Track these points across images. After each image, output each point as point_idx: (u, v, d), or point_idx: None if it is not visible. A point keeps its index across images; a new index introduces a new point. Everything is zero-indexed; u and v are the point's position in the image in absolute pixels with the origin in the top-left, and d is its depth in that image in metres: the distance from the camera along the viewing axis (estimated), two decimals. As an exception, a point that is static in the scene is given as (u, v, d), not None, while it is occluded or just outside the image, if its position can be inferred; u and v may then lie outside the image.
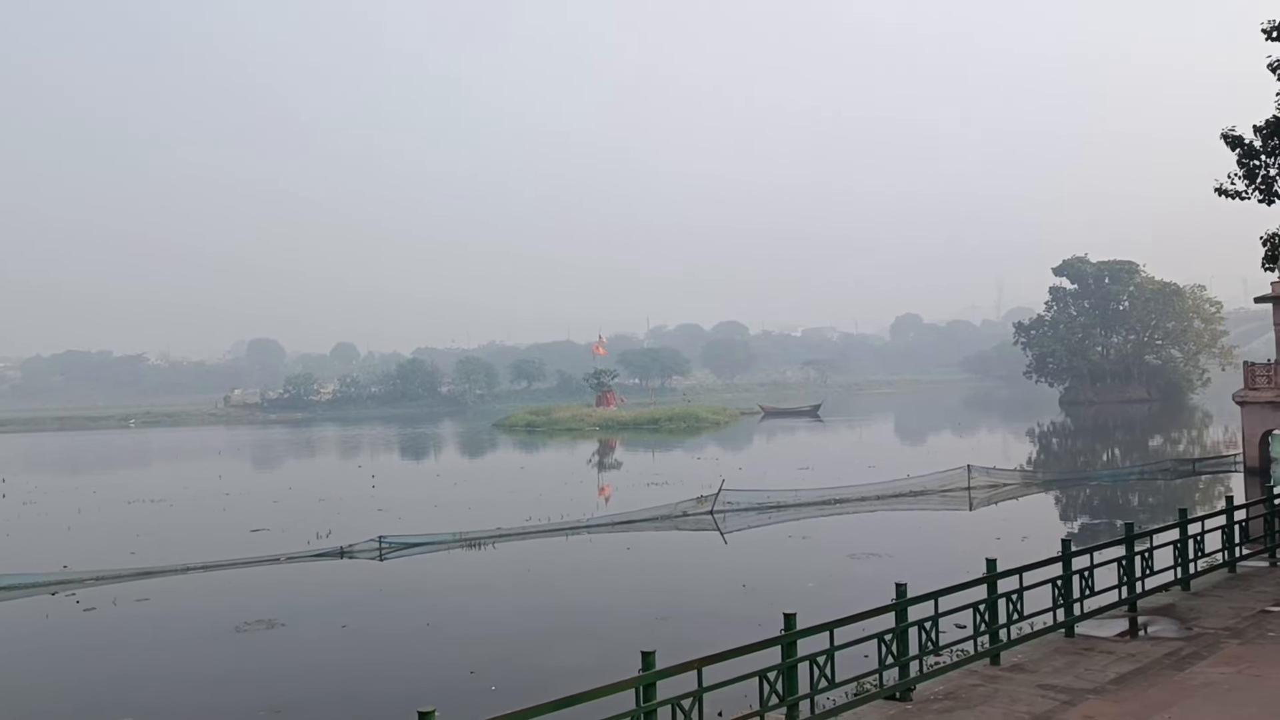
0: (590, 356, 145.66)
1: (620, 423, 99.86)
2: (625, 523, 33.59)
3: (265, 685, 17.29)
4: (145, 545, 31.81)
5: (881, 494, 37.90)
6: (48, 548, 32.07)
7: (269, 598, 24.22)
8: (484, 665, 17.70)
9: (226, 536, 33.42)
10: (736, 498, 35.94)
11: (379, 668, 18.32)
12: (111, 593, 25.22)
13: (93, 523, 39.34)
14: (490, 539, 31.34)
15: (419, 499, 43.15)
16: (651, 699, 9.09)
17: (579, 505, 38.17)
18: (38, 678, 18.51)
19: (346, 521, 35.18)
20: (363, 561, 29.05)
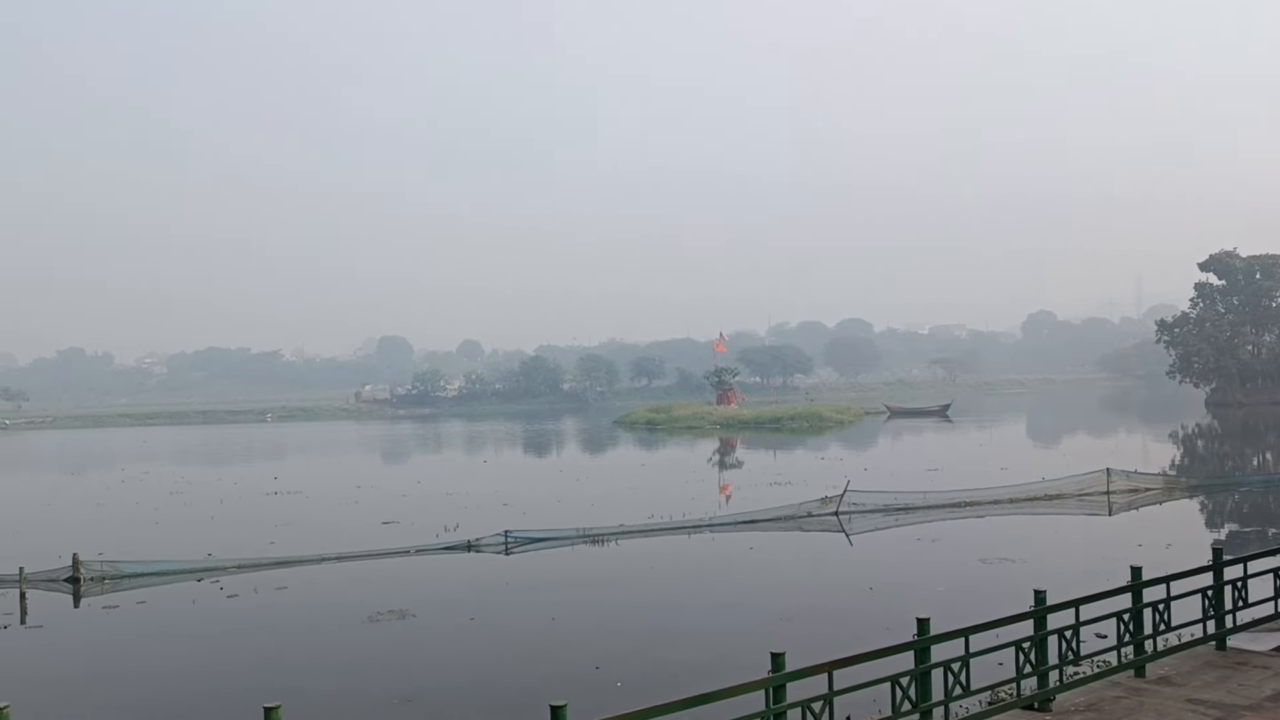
0: (710, 354, 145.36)
1: (741, 421, 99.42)
2: (748, 522, 33.38)
3: (397, 674, 17.71)
4: (283, 535, 33.03)
5: (1015, 497, 36.75)
6: (193, 536, 33.58)
7: (400, 589, 24.84)
8: (609, 661, 17.78)
9: (359, 528, 34.43)
10: (862, 499, 35.34)
11: (506, 660, 18.59)
12: (252, 580, 26.24)
13: (234, 513, 41.04)
14: (613, 535, 31.52)
15: (542, 495, 43.73)
16: (781, 701, 8.97)
17: (700, 503, 38.09)
18: (186, 660, 19.34)
19: (473, 516, 35.88)
20: (489, 555, 29.56)
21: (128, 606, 23.97)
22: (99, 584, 26.24)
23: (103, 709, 15.78)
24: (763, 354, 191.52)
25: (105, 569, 27.01)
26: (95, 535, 32.74)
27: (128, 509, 43.90)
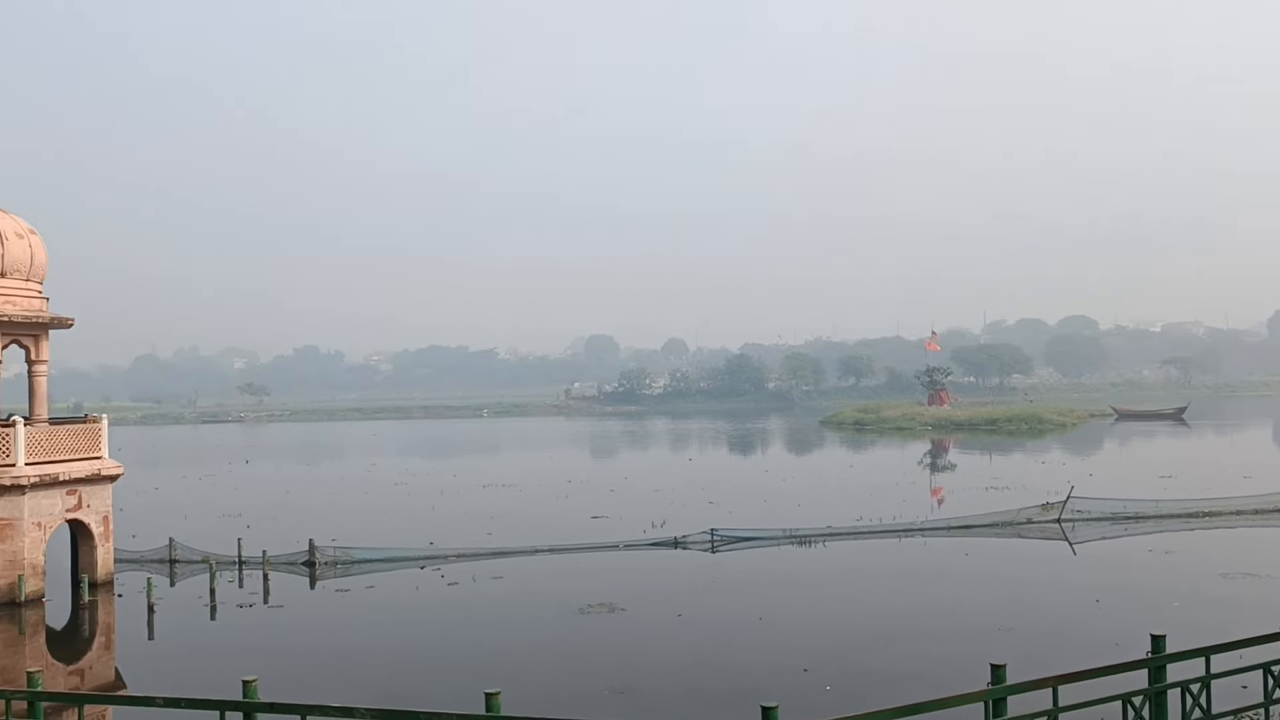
0: (921, 353, 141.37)
1: (954, 422, 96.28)
2: (962, 527, 32.24)
3: (608, 665, 18.08)
4: (498, 526, 34.32)
5: (1260, 508, 33.97)
6: (416, 525, 35.39)
7: (609, 582, 25.34)
8: (817, 663, 17.54)
9: (569, 522, 35.38)
10: (1087, 506, 33.52)
11: (714, 657, 18.65)
12: (471, 569, 27.39)
13: (453, 504, 43.00)
14: (820, 537, 31.12)
15: (748, 494, 43.67)
16: (1002, 715, 8.58)
17: (911, 507, 37.10)
18: (412, 643, 20.40)
19: (679, 513, 36.22)
20: (695, 552, 29.76)
21: (358, 590, 25.48)
22: (332, 568, 28.02)
23: (338, 685, 16.81)
24: (977, 353, 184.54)
25: (337, 554, 28.84)
26: (328, 522, 34.97)
27: (357, 498, 46.75)
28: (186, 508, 42.04)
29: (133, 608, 23.62)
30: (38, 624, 22.65)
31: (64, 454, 24.98)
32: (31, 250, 25.45)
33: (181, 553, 29.11)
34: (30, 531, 23.81)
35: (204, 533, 31.86)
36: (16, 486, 23.55)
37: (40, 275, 25.94)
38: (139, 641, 21.59)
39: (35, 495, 23.95)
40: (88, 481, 25.35)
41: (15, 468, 23.69)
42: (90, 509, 25.45)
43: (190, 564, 28.42)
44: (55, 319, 25.97)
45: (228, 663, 18.71)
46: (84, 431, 25.97)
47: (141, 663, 20.02)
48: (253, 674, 9.13)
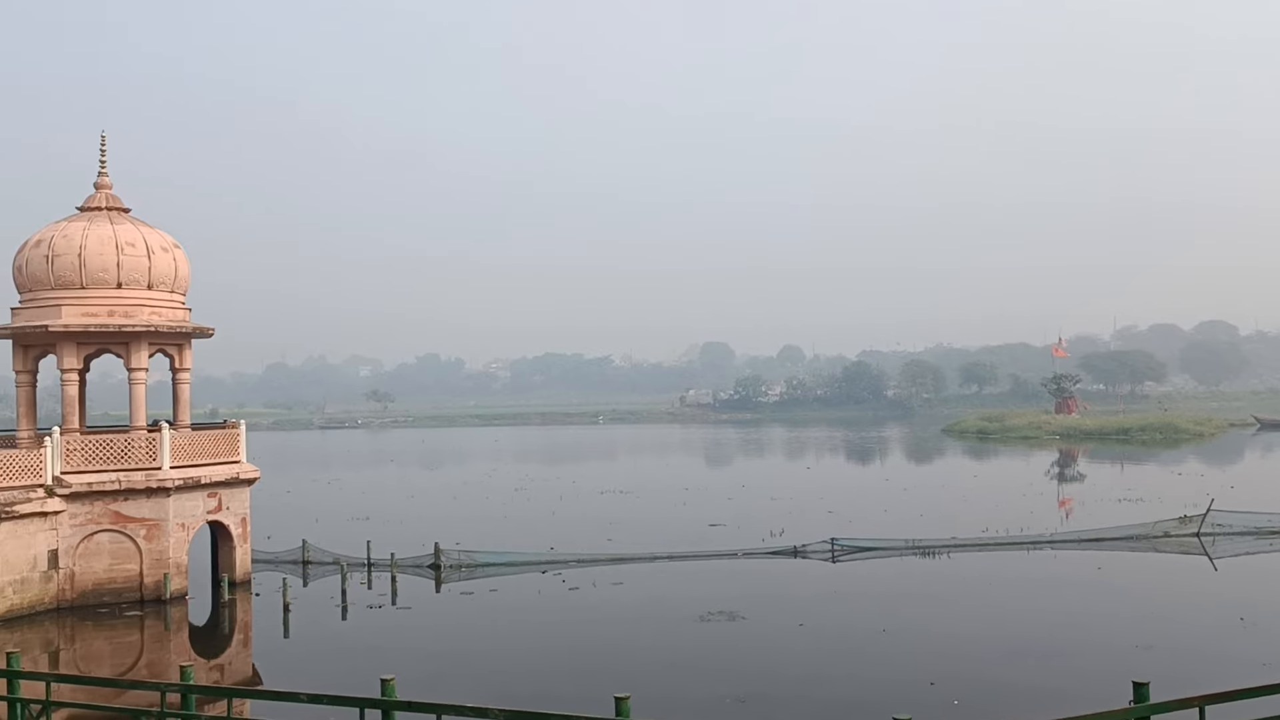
0: (1048, 360, 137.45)
1: (1083, 432, 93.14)
2: (1094, 540, 31.13)
3: (730, 673, 18.02)
4: (617, 532, 34.55)
5: None
6: (536, 530, 35.88)
7: (728, 590, 25.25)
8: (944, 677, 17.17)
9: (686, 529, 35.39)
10: (1229, 519, 32.02)
11: (837, 669, 18.44)
12: (591, 574, 27.64)
13: (571, 509, 43.48)
14: (945, 548, 30.46)
15: (868, 503, 43.03)
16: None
17: (1039, 518, 36.03)
18: (537, 646, 20.71)
19: (797, 521, 35.90)
20: (815, 562, 29.45)
21: (481, 593, 25.98)
22: (456, 571, 28.63)
23: (466, 685, 17.15)
24: (1107, 360, 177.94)
25: (461, 558, 29.46)
26: (451, 526, 35.74)
27: (479, 503, 47.68)
28: (317, 510, 43.49)
29: (269, 606, 24.55)
30: (181, 620, 23.74)
31: (206, 458, 26.13)
32: (176, 264, 26.72)
33: (314, 554, 30.13)
34: (175, 532, 24.97)
35: (334, 535, 32.90)
36: (162, 489, 24.74)
37: (184, 287, 27.22)
38: (275, 639, 22.43)
39: (179, 497, 25.12)
40: (227, 485, 26.46)
41: (161, 471, 24.89)
42: (230, 511, 26.56)
43: (322, 565, 29.39)
44: (197, 329, 27.21)
45: (359, 661, 19.31)
46: (224, 437, 27.13)
47: (277, 659, 20.81)
48: (384, 673, 9.41)
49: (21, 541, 23.23)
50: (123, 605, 24.05)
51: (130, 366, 26.13)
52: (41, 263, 25.47)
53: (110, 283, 25.53)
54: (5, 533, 22.87)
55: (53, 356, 26.22)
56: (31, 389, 27.21)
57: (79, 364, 25.98)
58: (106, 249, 25.49)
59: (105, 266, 25.42)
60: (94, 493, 24.31)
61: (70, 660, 20.81)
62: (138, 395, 26.31)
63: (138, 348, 25.96)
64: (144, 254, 25.91)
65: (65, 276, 25.36)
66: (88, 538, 24.26)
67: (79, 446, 24.71)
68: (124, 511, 24.56)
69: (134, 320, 25.59)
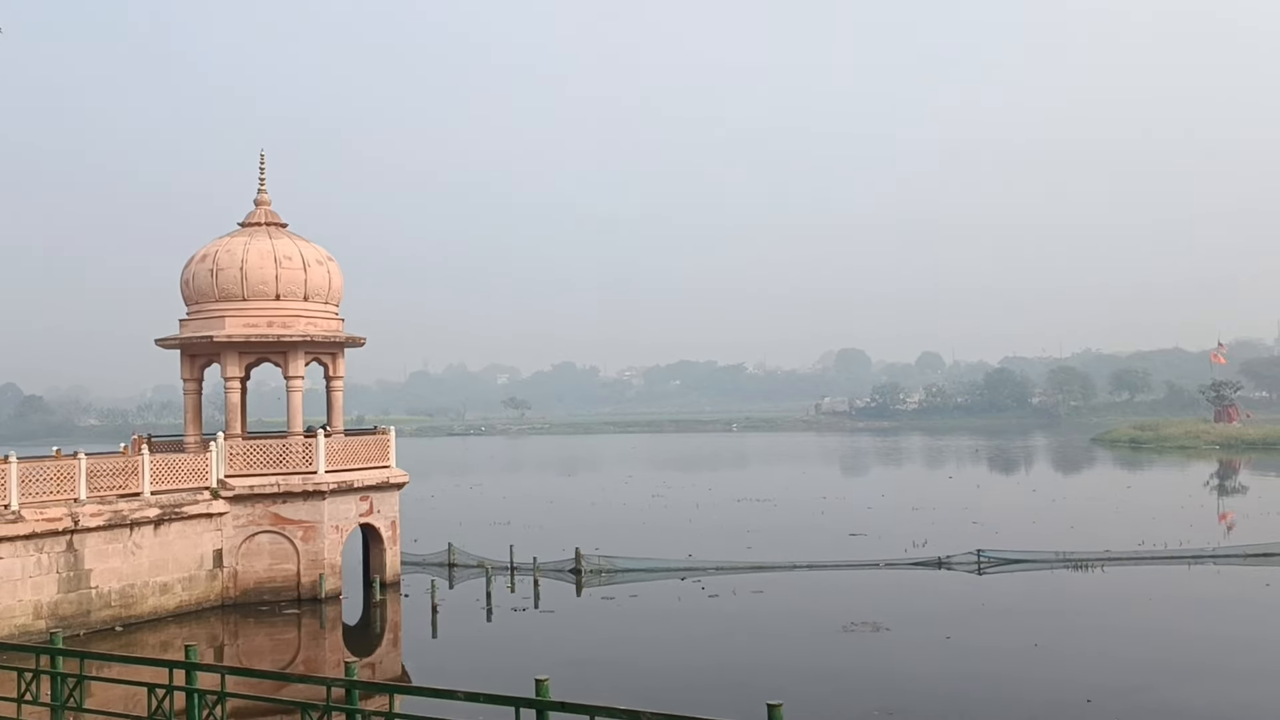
0: (1205, 366, 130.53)
1: (1246, 441, 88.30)
2: (1262, 555, 29.46)
3: (875, 686, 17.71)
4: (755, 540, 34.36)
5: None
6: (674, 536, 35.97)
7: (871, 601, 24.84)
8: (1101, 696, 16.49)
9: (825, 538, 34.96)
10: None
11: (986, 683, 17.92)
12: (730, 582, 27.56)
13: (708, 517, 43.43)
14: (1098, 561, 29.29)
15: (1014, 514, 41.74)
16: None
17: (1199, 531, 34.32)
18: (680, 653, 20.76)
19: (940, 532, 35.04)
20: (960, 573, 28.69)
21: (622, 599, 26.18)
22: (596, 576, 28.93)
23: (611, 688, 17.31)
24: (1271, 365, 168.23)
25: (601, 563, 29.75)
26: (590, 532, 36.12)
27: (616, 509, 48.12)
28: (460, 515, 44.59)
29: (417, 607, 25.29)
30: (335, 619, 24.66)
31: (358, 463, 27.11)
32: (329, 276, 27.84)
33: (459, 557, 30.91)
34: (329, 534, 25.98)
35: (477, 539, 33.67)
36: (318, 492, 25.77)
37: (337, 299, 28.33)
38: (423, 640, 23.09)
39: (334, 500, 26.12)
40: (378, 489, 27.38)
41: (317, 475, 25.94)
42: (380, 514, 27.47)
43: (467, 568, 30.12)
44: (350, 338, 28.28)
45: (506, 662, 19.74)
46: (375, 442, 28.10)
47: (426, 658, 21.42)
48: (534, 674, 9.56)
49: (189, 541, 24.53)
50: (281, 603, 25.13)
51: (288, 375, 27.33)
52: (206, 276, 26.88)
53: (269, 295, 26.75)
54: (175, 532, 24.20)
55: (217, 365, 27.63)
56: (198, 396, 28.71)
57: (241, 372, 27.29)
58: (266, 263, 26.73)
59: (265, 279, 26.66)
60: (255, 495, 25.50)
61: (234, 655, 21.84)
62: (295, 402, 27.48)
63: (295, 356, 27.13)
64: (300, 267, 27.08)
65: (228, 289, 26.69)
66: (249, 538, 25.46)
67: (241, 451, 25.97)
68: (282, 513, 25.69)
69: (291, 330, 26.76)
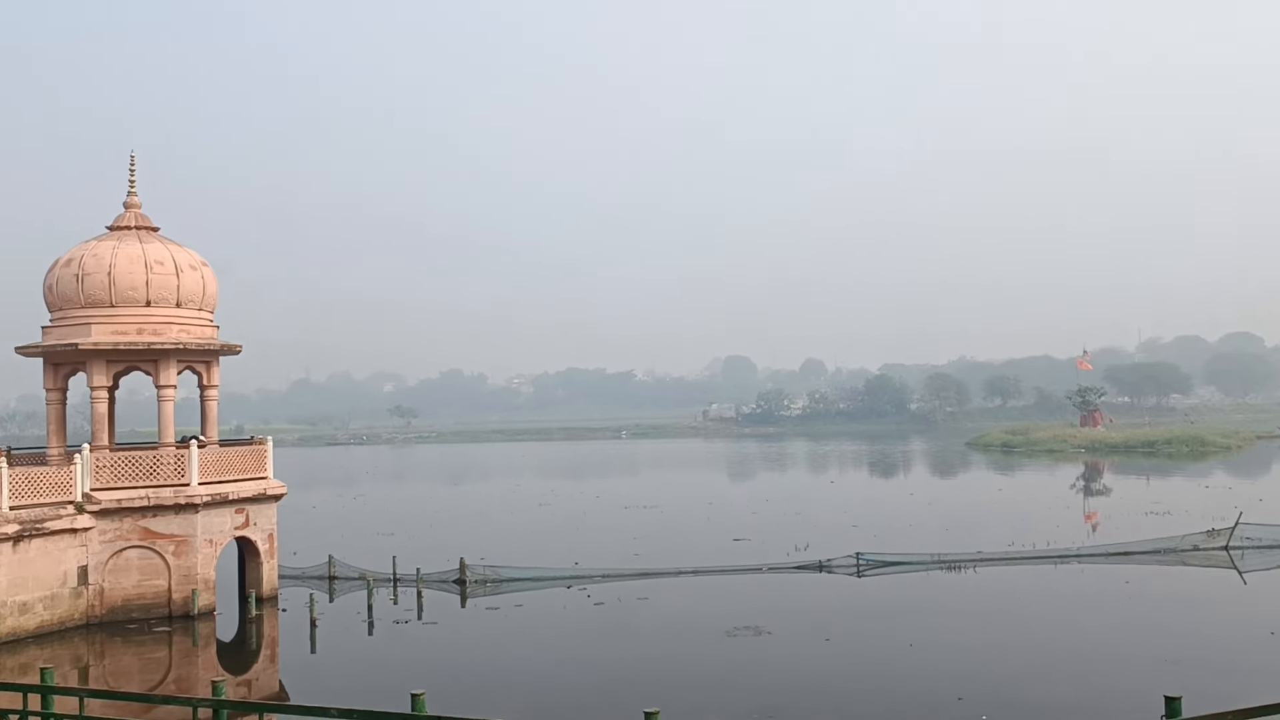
0: (1072, 372, 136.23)
1: (1109, 445, 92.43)
2: (1122, 554, 30.91)
3: (755, 689, 17.97)
4: (641, 547, 34.51)
5: None
6: (560, 545, 35.91)
7: (754, 605, 25.22)
8: (972, 694, 17.06)
9: (711, 544, 35.33)
10: (1258, 533, 31.70)
11: (864, 684, 18.37)
12: (616, 590, 27.63)
13: (596, 524, 43.48)
14: (971, 563, 30.28)
15: (892, 517, 42.85)
16: (1180, 750, 8.22)
17: (1065, 532, 35.78)
18: (564, 662, 20.75)
19: (822, 536, 35.77)
20: (841, 576, 29.34)
21: (507, 609, 26.01)
22: (481, 586, 28.68)
23: (494, 701, 17.19)
24: (1132, 372, 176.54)
25: (487, 573, 29.51)
26: (476, 541, 35.77)
27: (503, 518, 47.78)
28: (342, 526, 43.68)
29: (296, 622, 24.67)
30: (209, 636, 23.88)
31: (233, 474, 26.32)
32: (204, 282, 26.99)
33: (340, 570, 30.26)
34: (203, 548, 25.14)
35: (359, 551, 33.02)
36: (190, 505, 24.93)
37: (211, 305, 27.49)
38: (302, 654, 22.53)
39: (207, 513, 25.30)
40: (254, 500, 26.63)
41: (190, 487, 25.08)
42: (257, 527, 26.73)
43: (348, 581, 29.52)
44: (225, 346, 27.46)
45: (387, 677, 19.39)
46: (251, 453, 27.32)
47: (304, 675, 20.89)
48: (413, 688, 9.46)
49: (52, 558, 23.46)
50: (151, 621, 24.22)
51: (159, 384, 26.38)
52: (71, 282, 25.79)
53: (139, 301, 25.80)
54: (36, 549, 23.11)
55: (83, 374, 26.51)
56: (62, 406, 27.51)
57: (108, 382, 26.23)
58: (135, 267, 25.78)
59: (134, 285, 25.70)
60: (123, 509, 24.52)
61: (100, 676, 20.98)
62: (166, 412, 26.55)
63: (166, 365, 26.21)
64: (173, 272, 26.19)
65: (95, 295, 25.65)
66: (117, 554, 24.47)
67: (108, 463, 24.95)
68: (153, 528, 24.77)
69: (163, 338, 25.87)
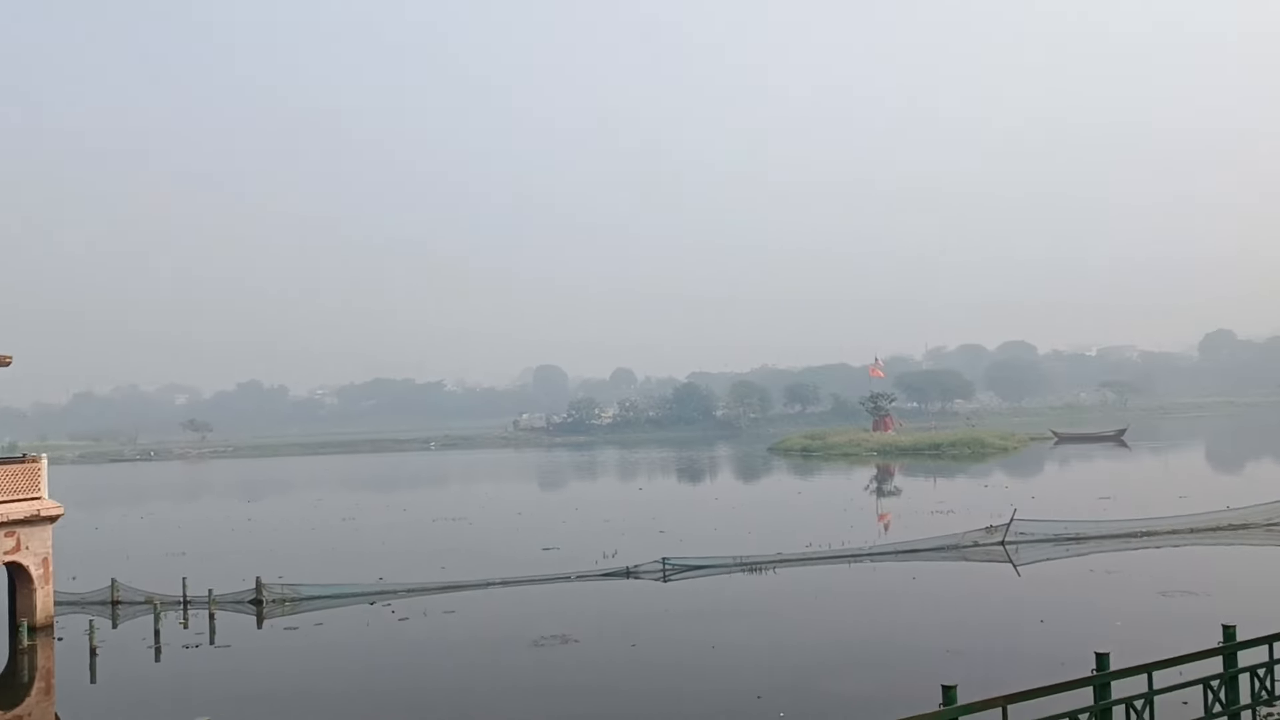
0: (866, 380, 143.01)
1: (899, 448, 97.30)
2: (910, 551, 32.64)
3: (563, 697, 18.02)
4: (449, 560, 34.03)
5: (1196, 527, 34.80)
6: (364, 560, 35.00)
7: (562, 614, 25.28)
8: (771, 691, 17.65)
9: (521, 554, 35.21)
10: (1030, 528, 34.10)
11: (668, 687, 18.68)
12: (422, 604, 27.16)
13: (403, 538, 42.58)
14: (771, 564, 31.32)
15: (698, 522, 43.79)
16: (954, 735, 8.76)
17: (859, 532, 37.47)
18: (363, 682, 20.15)
19: (630, 542, 36.23)
20: (648, 582, 29.78)
21: (306, 628, 25.14)
22: (280, 606, 27.62)
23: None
24: (920, 378, 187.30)
25: (285, 592, 28.46)
26: (275, 560, 34.48)
27: (304, 534, 46.13)
28: (128, 547, 41.24)
29: (74, 651, 23.12)
30: (-26, 670, 22.07)
31: (1, 495, 24.44)
32: (-32, 288, 25.00)
33: (124, 593, 28.54)
34: (-33, 575, 23.24)
35: (147, 573, 31.25)
36: (-48, 529, 23.00)
37: (-23, 313, 25.46)
38: (81, 686, 21.11)
39: (-28, 538, 23.40)
40: (26, 523, 24.82)
41: (-49, 510, 23.14)
42: (29, 551, 24.90)
43: (133, 605, 27.88)
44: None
45: (173, 706, 18.37)
46: (22, 472, 25.44)
47: (83, 708, 19.58)
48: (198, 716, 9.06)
49: None
50: (-94, 657, 22.19)
51: (-85, 399, 24.24)
52: None
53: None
54: None
55: None
56: None
57: None
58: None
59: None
60: (-128, 536, 22.38)
61: None
62: (-77, 429, 24.42)
63: (-77, 378, 24.11)
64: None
65: None
66: None
67: None
68: (-93, 555, 22.71)
69: (-82, 349, 23.78)
